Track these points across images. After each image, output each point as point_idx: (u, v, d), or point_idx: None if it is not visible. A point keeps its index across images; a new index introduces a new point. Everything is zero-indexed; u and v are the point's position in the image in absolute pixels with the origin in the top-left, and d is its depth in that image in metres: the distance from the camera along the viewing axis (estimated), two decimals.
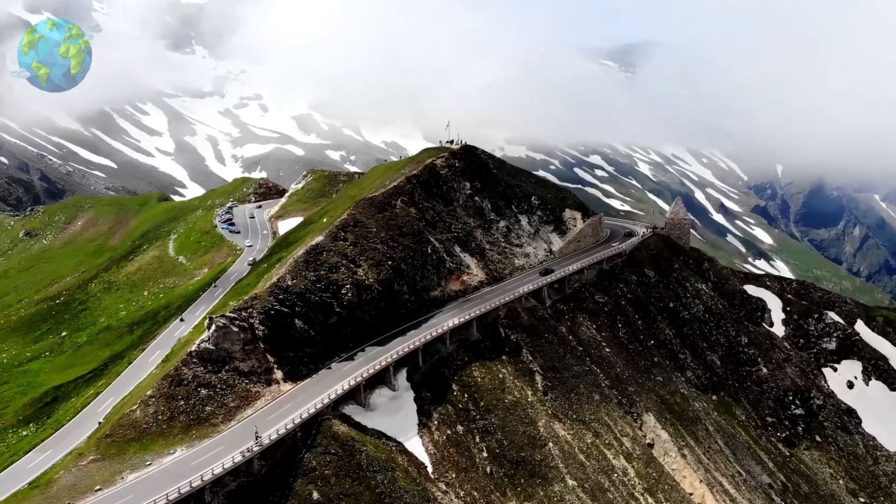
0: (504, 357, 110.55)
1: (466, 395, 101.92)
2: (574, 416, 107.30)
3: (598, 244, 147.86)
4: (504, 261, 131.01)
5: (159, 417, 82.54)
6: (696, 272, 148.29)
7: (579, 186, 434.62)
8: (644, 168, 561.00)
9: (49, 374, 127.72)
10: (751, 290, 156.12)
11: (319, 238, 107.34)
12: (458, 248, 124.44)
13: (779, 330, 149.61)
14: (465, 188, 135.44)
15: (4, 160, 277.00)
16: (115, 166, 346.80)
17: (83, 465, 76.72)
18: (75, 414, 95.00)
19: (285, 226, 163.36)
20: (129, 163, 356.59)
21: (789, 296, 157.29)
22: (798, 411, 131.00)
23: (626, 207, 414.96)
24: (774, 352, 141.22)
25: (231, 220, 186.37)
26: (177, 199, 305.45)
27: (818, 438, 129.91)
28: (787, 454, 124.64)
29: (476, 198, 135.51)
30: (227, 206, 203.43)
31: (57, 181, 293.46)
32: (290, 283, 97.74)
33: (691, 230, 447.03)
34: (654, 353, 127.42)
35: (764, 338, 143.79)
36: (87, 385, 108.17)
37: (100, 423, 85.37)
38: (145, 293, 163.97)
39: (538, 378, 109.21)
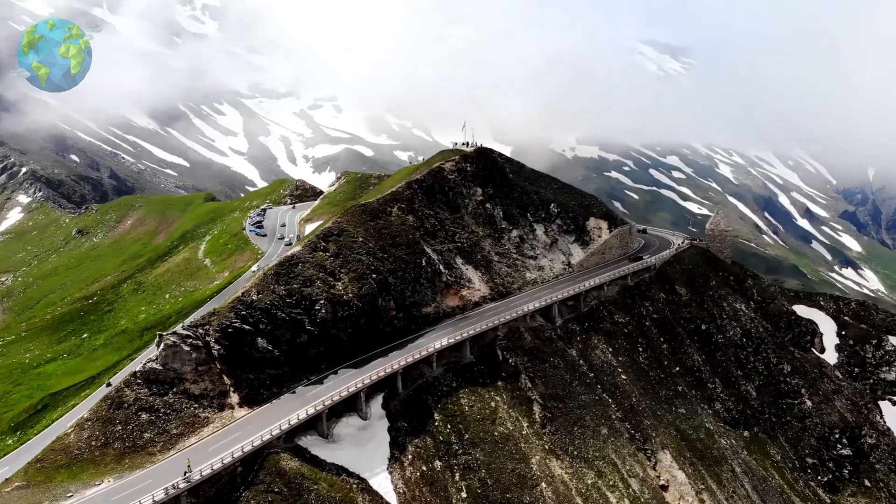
0: (500, 383, 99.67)
1: (450, 426, 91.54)
2: (575, 453, 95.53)
3: (627, 257, 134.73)
4: (514, 274, 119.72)
5: (93, 443, 75.47)
6: (736, 290, 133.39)
7: (654, 188, 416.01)
8: (725, 170, 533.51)
9: (59, 378, 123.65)
10: (801, 310, 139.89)
11: (297, 248, 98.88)
12: (459, 260, 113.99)
13: (830, 357, 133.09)
14: (476, 194, 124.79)
15: (75, 158, 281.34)
16: (187, 165, 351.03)
17: (6, 492, 70.16)
18: (48, 425, 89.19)
19: (312, 229, 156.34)
20: (202, 162, 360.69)
21: (846, 318, 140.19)
22: (845, 451, 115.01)
23: (704, 211, 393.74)
24: (822, 382, 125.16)
25: (261, 222, 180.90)
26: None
27: (867, 483, 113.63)
28: (829, 501, 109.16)
29: (487, 205, 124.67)
30: (261, 208, 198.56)
31: (127, 179, 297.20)
32: (255, 297, 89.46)
33: (775, 235, 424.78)
34: (678, 381, 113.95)
35: (811, 366, 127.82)
36: (78, 393, 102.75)
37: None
38: (167, 296, 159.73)
39: (536, 408, 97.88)
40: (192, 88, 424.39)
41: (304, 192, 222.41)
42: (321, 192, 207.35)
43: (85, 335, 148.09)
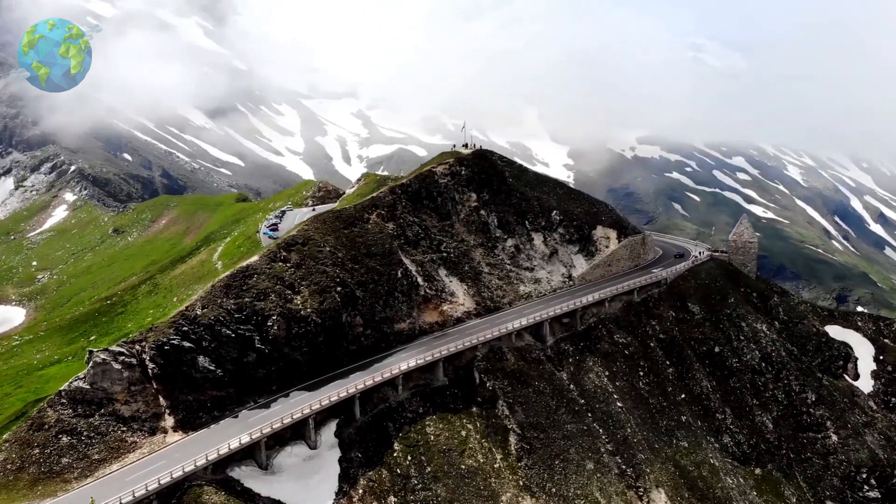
0: (474, 409, 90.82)
1: (410, 458, 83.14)
2: (553, 490, 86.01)
3: (637, 269, 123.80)
4: (505, 287, 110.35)
5: (8, 466, 69.81)
6: (758, 308, 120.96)
7: (717, 190, 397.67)
8: (794, 172, 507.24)
9: (57, 383, 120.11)
10: (835, 331, 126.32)
11: (253, 258, 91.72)
12: (443, 272, 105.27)
13: (865, 384, 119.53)
14: (470, 200, 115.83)
15: (128, 157, 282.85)
16: (242, 164, 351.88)
17: None
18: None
19: None
20: (258, 161, 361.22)
21: (886, 340, 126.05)
22: (873, 493, 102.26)
23: (770, 215, 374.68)
24: (853, 413, 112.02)
25: (276, 225, 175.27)
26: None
27: None
28: None
29: (482, 211, 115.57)
30: (280, 210, 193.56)
31: (179, 178, 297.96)
32: (199, 312, 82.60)
33: (845, 241, 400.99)
34: (682, 410, 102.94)
35: (841, 395, 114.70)
36: None
37: None
38: (175, 299, 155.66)
39: (512, 438, 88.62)
40: (252, 89, 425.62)
41: (327, 194, 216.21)
42: (343, 194, 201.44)
43: (93, 337, 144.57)
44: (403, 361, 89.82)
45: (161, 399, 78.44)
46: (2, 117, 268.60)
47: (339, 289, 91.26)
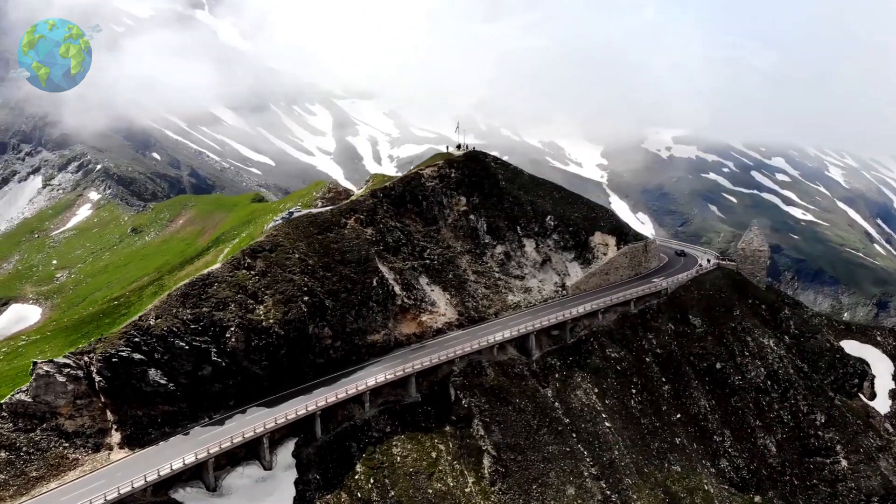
0: (447, 428, 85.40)
1: (373, 480, 78.07)
2: None
3: (638, 278, 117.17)
4: (492, 297, 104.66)
5: None
6: (767, 321, 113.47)
7: (754, 191, 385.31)
8: (835, 173, 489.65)
9: None
10: (851, 347, 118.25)
11: (216, 266, 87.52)
12: (424, 280, 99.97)
13: (882, 405, 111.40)
14: (459, 204, 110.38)
15: (156, 156, 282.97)
16: (272, 164, 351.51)
17: None
18: None
19: None
20: (289, 161, 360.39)
21: None
22: None
23: (809, 217, 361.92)
24: (866, 436, 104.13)
25: None
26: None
27: None
28: None
29: (471, 216, 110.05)
30: (288, 211, 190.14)
31: (207, 177, 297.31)
32: (152, 322, 78.53)
33: (888, 245, 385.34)
34: (677, 431, 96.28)
35: (855, 416, 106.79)
36: None
37: None
38: None
39: (487, 460, 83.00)
40: (284, 88, 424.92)
41: (337, 195, 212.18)
42: (353, 195, 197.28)
43: (93, 339, 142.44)
44: (373, 376, 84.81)
45: (108, 414, 74.51)
46: (31, 117, 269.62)
47: (306, 298, 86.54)
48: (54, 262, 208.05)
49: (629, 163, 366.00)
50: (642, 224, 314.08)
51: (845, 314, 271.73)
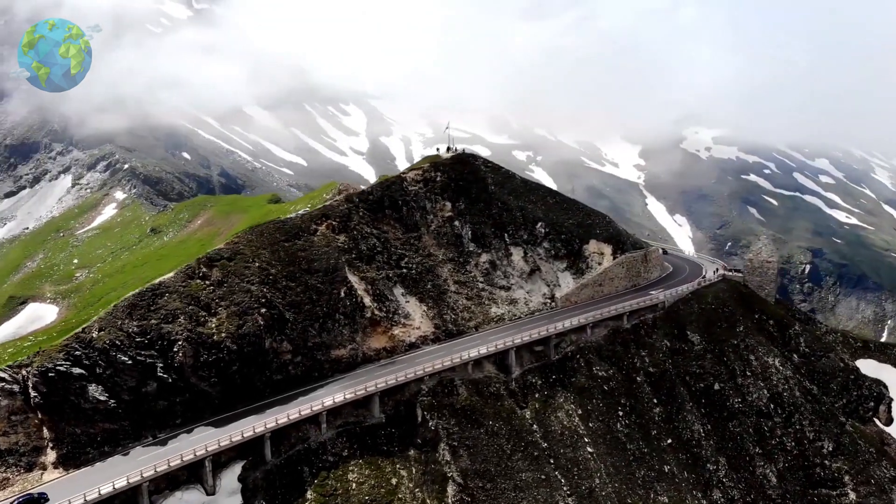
0: (411, 452, 79.62)
1: None
2: None
3: (635, 290, 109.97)
4: (474, 309, 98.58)
5: None
6: (774, 338, 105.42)
7: (796, 194, 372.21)
8: (882, 175, 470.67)
9: None
10: (868, 366, 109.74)
11: (169, 274, 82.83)
12: (399, 291, 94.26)
13: None
14: (444, 209, 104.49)
15: (187, 155, 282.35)
16: (305, 164, 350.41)
17: None
18: None
19: None
20: (321, 161, 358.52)
21: None
22: None
23: (853, 220, 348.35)
24: (879, 466, 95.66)
25: None
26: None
27: None
28: None
29: (456, 222, 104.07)
30: (297, 212, 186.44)
31: (238, 177, 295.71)
32: (95, 335, 74.14)
33: None
34: (667, 458, 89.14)
35: (868, 443, 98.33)
36: None
37: None
38: None
39: (452, 488, 77.06)
40: (319, 89, 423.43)
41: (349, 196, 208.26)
42: None
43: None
44: (334, 395, 79.31)
45: (45, 431, 70.36)
46: (63, 116, 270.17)
47: (263, 310, 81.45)
48: (75, 261, 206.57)
49: (667, 163, 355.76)
50: (679, 226, 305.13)
51: (889, 321, 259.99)
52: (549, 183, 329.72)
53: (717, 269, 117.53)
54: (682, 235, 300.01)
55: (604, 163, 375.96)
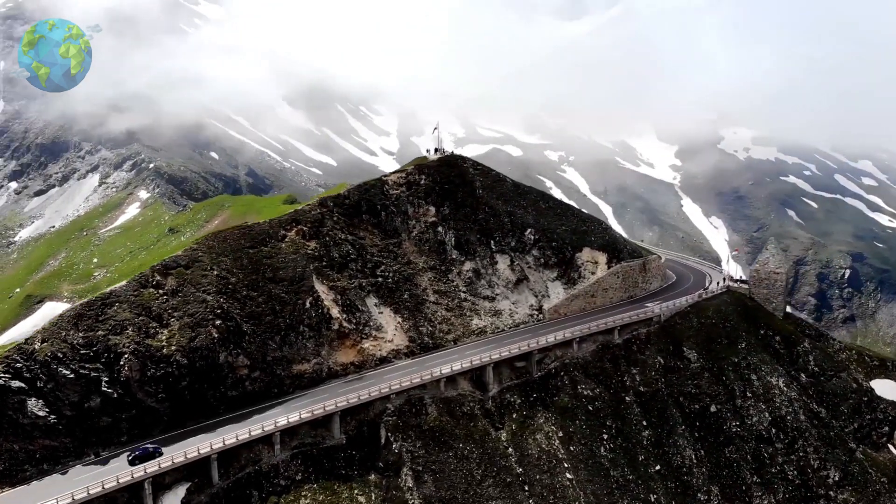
0: (372, 476, 74.59)
1: None
2: None
3: (631, 301, 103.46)
4: (453, 320, 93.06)
5: None
6: (779, 356, 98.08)
7: (837, 196, 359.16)
8: None
9: None
10: (885, 387, 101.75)
11: (121, 283, 78.76)
12: (372, 301, 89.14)
13: None
14: (427, 214, 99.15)
15: (215, 155, 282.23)
16: (334, 164, 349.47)
17: None
18: None
19: None
20: (351, 161, 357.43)
21: None
22: None
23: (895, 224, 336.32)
24: (891, 498, 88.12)
25: None
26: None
27: None
28: None
29: (439, 228, 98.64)
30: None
31: (266, 177, 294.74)
32: (37, 346, 70.34)
33: None
34: (654, 486, 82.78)
35: (879, 472, 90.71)
36: None
37: None
38: None
39: None
40: (352, 88, 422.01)
41: None
42: None
43: None
44: (294, 413, 74.52)
45: None
46: (92, 116, 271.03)
47: (218, 322, 76.96)
48: (95, 260, 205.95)
49: (704, 164, 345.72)
50: (715, 228, 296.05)
51: None
52: (581, 183, 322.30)
53: (727, 279, 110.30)
54: (717, 238, 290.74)
55: (639, 163, 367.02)
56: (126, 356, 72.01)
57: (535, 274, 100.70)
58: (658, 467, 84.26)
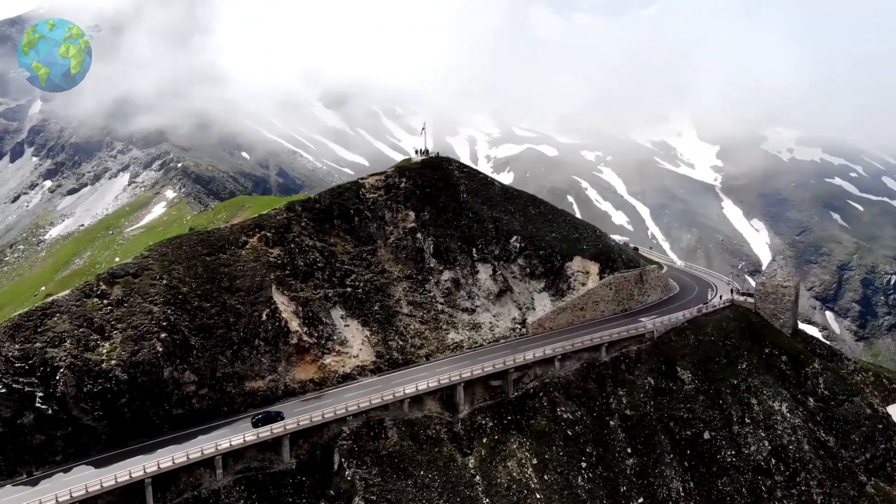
0: None
1: None
2: None
3: (625, 315, 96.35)
4: (428, 334, 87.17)
5: None
6: (785, 378, 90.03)
7: (884, 199, 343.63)
8: None
9: None
10: None
11: (65, 292, 74.59)
12: (338, 313, 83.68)
13: None
14: (407, 220, 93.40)
15: (246, 155, 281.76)
16: (367, 164, 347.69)
17: None
18: None
19: None
20: (383, 161, 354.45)
21: None
22: None
23: None
24: None
25: None
26: None
27: None
28: None
29: (418, 234, 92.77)
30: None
31: (297, 177, 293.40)
32: None
33: None
34: None
35: None
36: None
37: None
38: None
39: None
40: (387, 88, 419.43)
41: None
42: None
43: None
44: (233, 436, 69.42)
45: None
46: (125, 115, 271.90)
47: (163, 335, 72.31)
48: (116, 259, 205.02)
49: (746, 165, 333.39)
50: (756, 231, 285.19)
51: None
52: (618, 184, 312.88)
53: (731, 292, 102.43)
54: (759, 241, 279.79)
55: (678, 163, 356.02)
56: (62, 370, 67.74)
57: (521, 284, 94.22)
58: (641, 500, 77.33)
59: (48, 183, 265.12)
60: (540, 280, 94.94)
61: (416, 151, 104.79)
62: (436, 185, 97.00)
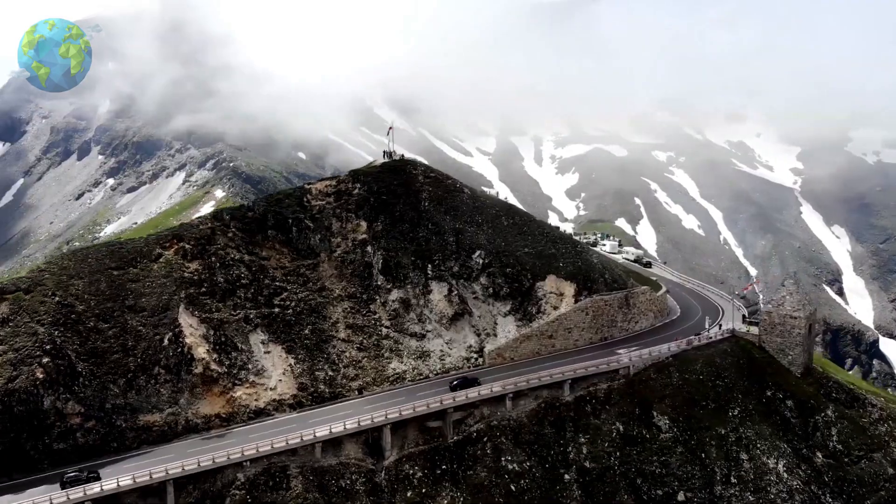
0: None
1: None
2: None
3: (605, 345, 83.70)
4: (365, 363, 76.95)
5: None
6: (788, 427, 75.81)
7: None
8: None
9: None
10: None
11: None
12: (258, 337, 74.39)
13: None
14: (358, 230, 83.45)
15: (302, 155, 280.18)
16: (426, 163, 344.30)
17: None
18: None
19: None
20: (444, 161, 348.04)
21: None
22: None
23: None
24: None
25: None
26: None
27: None
28: None
29: (368, 247, 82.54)
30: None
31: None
32: None
33: None
34: None
35: None
36: None
37: None
38: None
39: None
40: (454, 88, 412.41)
41: None
42: None
43: None
44: (107, 481, 61.04)
45: None
46: (185, 115, 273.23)
47: (46, 360, 64.51)
48: None
49: (828, 167, 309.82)
50: (837, 238, 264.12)
51: None
52: (690, 186, 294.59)
53: (745, 318, 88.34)
54: (839, 249, 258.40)
55: (756, 165, 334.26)
56: None
57: (482, 307, 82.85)
58: None
59: (110, 181, 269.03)
60: (505, 302, 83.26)
61: (386, 154, 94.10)
62: (395, 191, 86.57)
